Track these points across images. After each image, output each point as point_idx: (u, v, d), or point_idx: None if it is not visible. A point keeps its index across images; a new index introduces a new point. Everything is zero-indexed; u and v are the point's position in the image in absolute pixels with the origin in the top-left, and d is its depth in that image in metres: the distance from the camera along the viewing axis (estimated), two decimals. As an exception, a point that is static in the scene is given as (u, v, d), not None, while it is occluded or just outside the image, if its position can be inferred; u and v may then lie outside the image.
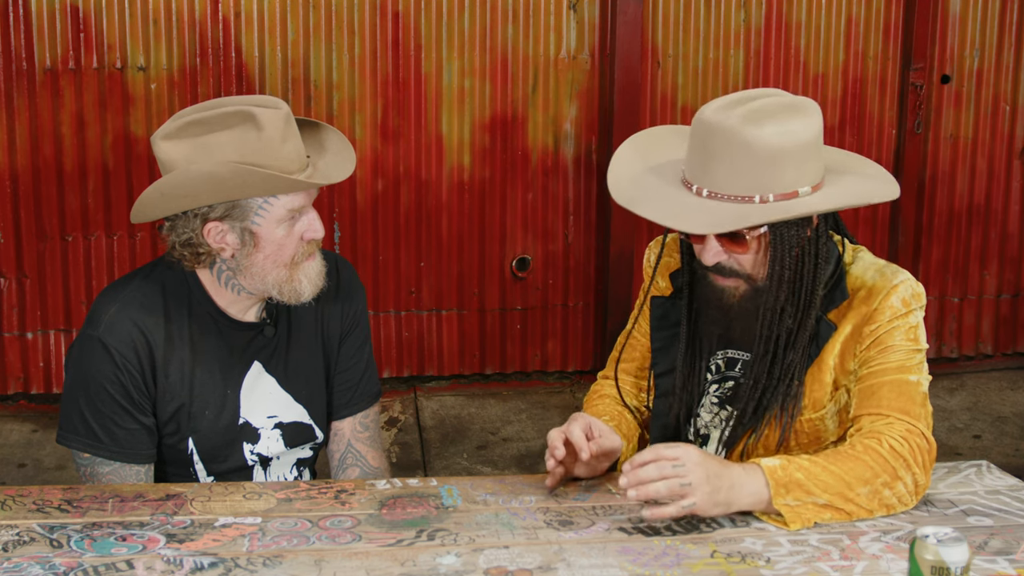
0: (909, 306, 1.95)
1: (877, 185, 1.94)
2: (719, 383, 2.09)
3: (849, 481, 1.82)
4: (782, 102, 1.86)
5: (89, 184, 4.60)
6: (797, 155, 1.83)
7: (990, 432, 4.68)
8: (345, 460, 2.27)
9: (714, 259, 1.91)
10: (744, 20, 4.91)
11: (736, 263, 1.92)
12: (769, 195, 1.83)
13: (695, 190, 1.88)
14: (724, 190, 1.84)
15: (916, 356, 1.95)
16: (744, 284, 1.94)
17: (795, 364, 1.97)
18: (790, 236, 1.89)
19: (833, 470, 1.82)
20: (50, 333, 4.72)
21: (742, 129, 1.81)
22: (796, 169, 1.83)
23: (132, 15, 4.50)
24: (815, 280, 1.94)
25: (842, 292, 1.98)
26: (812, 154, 1.86)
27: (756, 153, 1.81)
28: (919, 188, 5.17)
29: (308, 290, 2.05)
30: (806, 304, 1.95)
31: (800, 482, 1.80)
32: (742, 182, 1.83)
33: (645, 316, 2.20)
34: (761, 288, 1.93)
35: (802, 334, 1.96)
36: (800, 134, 1.83)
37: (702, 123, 1.86)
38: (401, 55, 4.71)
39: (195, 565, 1.66)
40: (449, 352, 5.01)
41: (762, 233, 1.89)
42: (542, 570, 1.66)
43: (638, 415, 2.21)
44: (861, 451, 1.85)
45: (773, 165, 1.82)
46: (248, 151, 1.91)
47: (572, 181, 4.94)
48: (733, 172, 1.83)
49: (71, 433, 2.06)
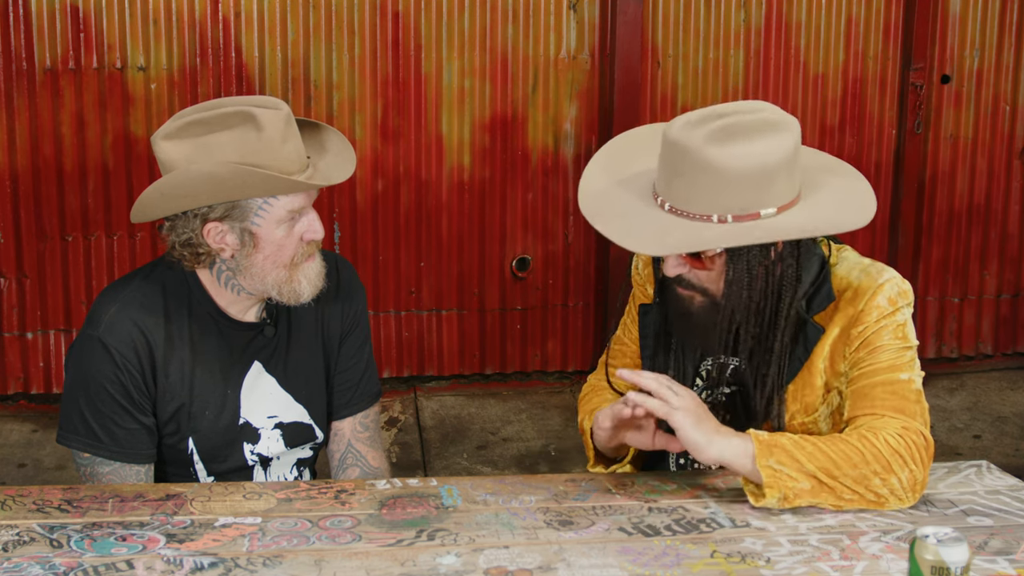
0: (896, 304, 1.94)
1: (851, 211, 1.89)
2: (711, 389, 2.08)
3: (836, 460, 1.81)
4: (754, 120, 1.82)
5: (89, 184, 4.60)
6: (760, 177, 1.79)
7: (990, 432, 4.68)
8: (345, 460, 2.27)
9: (674, 271, 1.91)
10: (744, 20, 4.91)
11: (695, 277, 1.92)
12: (728, 215, 1.81)
13: (659, 202, 1.87)
14: (684, 207, 1.83)
15: (906, 354, 1.94)
16: (701, 295, 1.93)
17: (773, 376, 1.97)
18: (750, 256, 1.87)
19: (822, 447, 1.82)
20: (50, 333, 4.72)
21: (703, 148, 1.78)
22: (759, 190, 1.80)
23: (132, 15, 4.50)
24: (779, 300, 1.92)
25: (828, 294, 1.97)
26: (780, 175, 1.81)
27: (715, 173, 1.78)
28: (919, 188, 5.17)
29: (308, 291, 2.05)
30: (771, 322, 1.93)
31: (785, 447, 1.80)
32: (701, 201, 1.81)
33: (635, 320, 2.20)
34: (718, 302, 1.92)
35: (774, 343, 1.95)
36: (766, 155, 1.79)
37: (667, 139, 1.84)
38: (401, 55, 4.71)
39: (195, 565, 1.66)
40: (449, 352, 5.01)
41: (719, 252, 1.88)
42: (542, 570, 1.66)
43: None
44: (855, 439, 1.85)
45: (732, 186, 1.79)
46: (248, 151, 1.91)
47: (572, 181, 4.94)
48: (693, 190, 1.81)
49: (71, 433, 2.06)
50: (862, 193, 1.94)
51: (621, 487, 1.97)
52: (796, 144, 1.84)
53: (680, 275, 1.92)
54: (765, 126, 1.81)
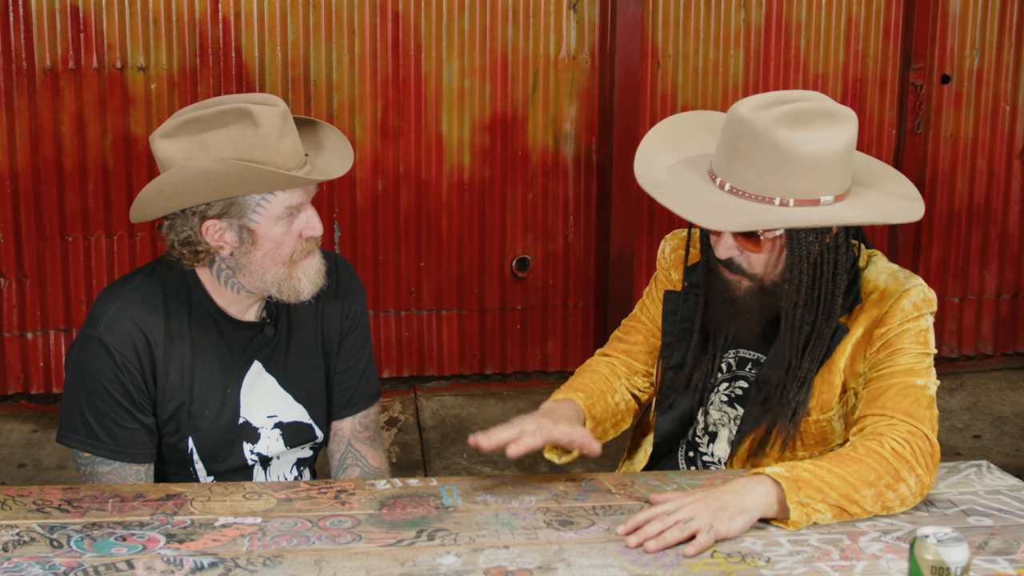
0: (920, 310, 1.95)
1: (902, 205, 1.92)
2: (729, 382, 2.09)
3: (854, 483, 1.80)
4: (819, 108, 1.85)
5: (89, 184, 4.60)
6: (824, 163, 1.82)
7: (990, 432, 4.68)
8: (345, 460, 2.27)
9: (726, 254, 1.92)
10: (744, 20, 4.91)
11: (747, 262, 1.92)
12: (790, 199, 1.83)
13: (718, 183, 1.88)
14: (746, 188, 1.84)
15: (925, 360, 1.94)
16: (748, 281, 1.94)
17: (809, 371, 1.97)
18: (807, 242, 1.89)
19: (837, 471, 1.81)
20: (50, 333, 4.72)
21: (772, 130, 1.81)
22: (821, 177, 1.82)
23: (132, 15, 4.50)
24: (834, 287, 1.93)
25: (856, 296, 1.98)
26: (840, 164, 1.84)
27: (782, 156, 1.80)
28: (919, 188, 5.16)
29: (307, 288, 2.05)
30: (825, 312, 1.94)
31: (808, 480, 1.78)
32: (765, 183, 1.83)
33: (655, 301, 2.19)
34: (766, 287, 1.93)
35: (819, 341, 1.96)
36: (830, 143, 1.82)
37: (735, 118, 1.86)
38: (401, 55, 4.71)
39: (195, 565, 1.66)
40: (449, 352, 5.01)
41: (778, 236, 1.89)
42: (542, 570, 1.66)
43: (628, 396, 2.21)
44: (863, 453, 1.84)
45: (798, 170, 1.81)
46: (245, 148, 1.92)
47: (572, 181, 4.94)
48: (757, 172, 1.83)
49: (71, 432, 2.06)
50: (908, 188, 1.97)
51: (621, 487, 1.97)
52: (855, 136, 1.87)
53: (731, 259, 1.92)
54: (830, 114, 1.85)
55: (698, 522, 1.71)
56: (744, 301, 1.95)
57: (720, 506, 1.73)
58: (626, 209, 4.82)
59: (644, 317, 2.23)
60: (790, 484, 1.77)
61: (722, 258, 1.93)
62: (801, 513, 1.77)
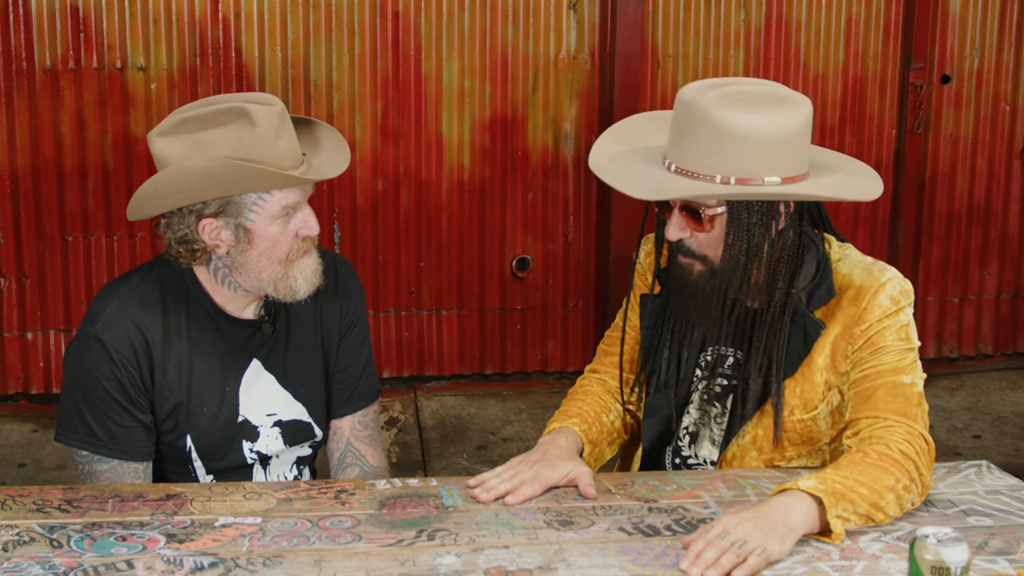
0: (898, 304, 1.95)
1: (857, 183, 1.93)
2: (707, 380, 2.08)
3: (879, 490, 1.80)
4: (765, 91, 1.88)
5: (89, 184, 4.60)
6: (767, 144, 1.82)
7: (990, 432, 4.68)
8: (344, 459, 2.27)
9: (676, 235, 1.93)
10: (744, 20, 4.91)
11: (695, 242, 1.94)
12: (731, 177, 1.84)
13: (666, 164, 1.91)
14: (690, 167, 1.86)
15: (909, 356, 1.94)
16: (699, 264, 1.95)
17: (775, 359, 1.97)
18: (750, 223, 1.89)
19: (863, 480, 1.79)
20: (50, 333, 4.72)
21: (713, 109, 1.83)
22: (763, 157, 1.83)
23: (132, 15, 4.50)
24: (777, 272, 1.94)
25: (828, 290, 1.98)
26: (787, 147, 1.84)
27: (722, 135, 1.82)
28: (919, 188, 5.17)
29: (304, 287, 2.05)
30: (771, 295, 1.95)
31: (843, 493, 1.77)
32: (708, 161, 1.84)
33: (634, 308, 2.20)
34: (716, 271, 1.94)
35: (777, 327, 1.96)
36: (774, 125, 1.83)
37: (681, 101, 1.89)
38: (401, 55, 4.71)
39: (195, 565, 1.66)
40: (449, 352, 5.01)
41: (719, 214, 1.90)
42: (542, 570, 1.66)
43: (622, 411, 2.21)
44: (877, 459, 1.83)
45: (738, 148, 1.82)
46: (242, 147, 1.92)
47: (572, 181, 4.94)
48: (700, 150, 1.85)
49: (69, 431, 2.06)
50: (869, 176, 1.98)
51: (621, 487, 1.97)
52: (806, 121, 1.87)
53: (681, 241, 1.94)
54: (776, 99, 1.87)
55: (752, 544, 1.67)
56: (696, 284, 1.96)
57: (770, 527, 1.70)
58: (626, 209, 4.81)
59: (628, 327, 2.23)
60: (829, 499, 1.75)
61: (672, 239, 1.95)
62: (841, 527, 1.75)
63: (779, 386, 1.98)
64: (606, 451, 2.17)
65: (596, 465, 2.13)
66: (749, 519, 1.71)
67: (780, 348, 1.97)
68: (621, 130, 2.09)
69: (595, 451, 2.11)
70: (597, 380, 2.24)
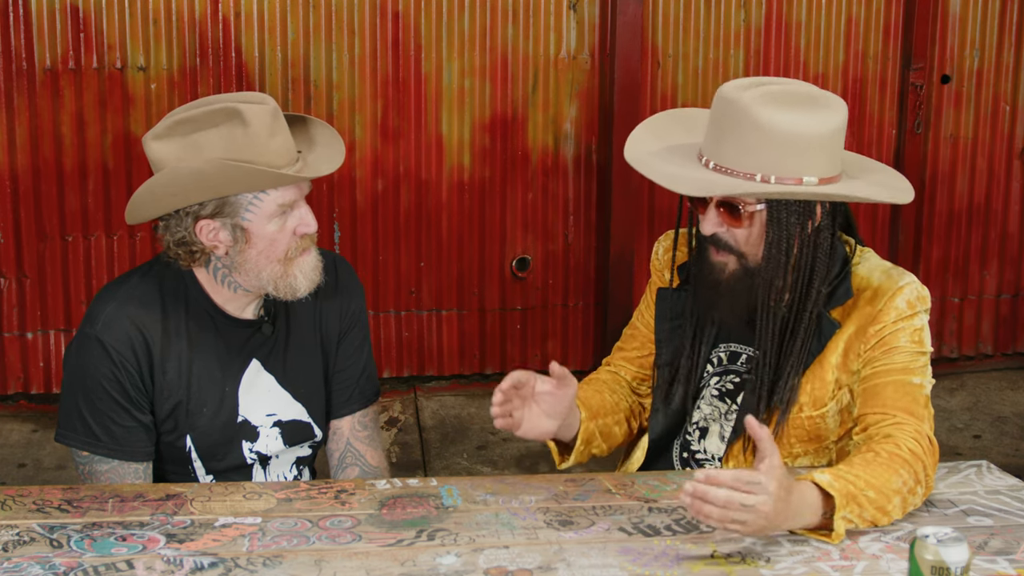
0: (914, 308, 1.96)
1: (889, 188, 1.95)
2: (720, 376, 2.09)
3: (887, 494, 1.80)
4: (803, 91, 1.89)
5: (89, 184, 4.60)
6: (806, 144, 1.85)
7: (990, 432, 4.68)
8: (344, 459, 2.27)
9: (711, 229, 1.94)
10: (744, 20, 4.91)
11: (732, 238, 1.94)
12: (771, 176, 1.85)
13: (703, 162, 1.92)
14: (730, 165, 1.88)
15: (920, 359, 1.95)
16: (735, 262, 1.95)
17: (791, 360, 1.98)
18: (788, 222, 1.91)
19: (873, 482, 1.79)
20: (50, 333, 4.72)
21: (754, 108, 1.84)
22: (803, 157, 1.85)
23: (132, 15, 4.50)
24: (811, 273, 1.95)
25: (846, 291, 1.99)
26: (824, 148, 1.87)
27: (764, 133, 1.84)
28: (919, 188, 5.17)
29: (304, 285, 2.05)
30: (802, 295, 1.95)
31: (854, 495, 1.77)
32: (748, 160, 1.86)
33: (649, 306, 2.22)
34: (752, 269, 1.94)
35: (799, 327, 1.97)
36: (813, 126, 1.85)
37: (720, 98, 1.90)
38: (401, 55, 4.71)
39: (195, 565, 1.66)
40: (449, 352, 5.01)
41: (758, 211, 1.91)
42: (542, 570, 1.66)
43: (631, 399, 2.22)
44: (887, 459, 1.83)
45: (779, 148, 1.84)
46: (235, 147, 1.92)
47: (572, 181, 4.94)
48: (740, 149, 1.86)
49: (69, 431, 2.06)
50: (899, 179, 2.01)
51: (621, 487, 1.97)
52: (843, 123, 1.90)
53: (716, 235, 1.94)
54: (815, 99, 1.88)
55: (743, 531, 1.67)
56: (728, 284, 1.97)
57: (776, 525, 1.69)
58: (626, 209, 4.81)
59: (640, 324, 2.25)
60: (841, 499, 1.74)
61: (707, 234, 1.95)
62: (843, 528, 1.76)
63: (793, 383, 1.99)
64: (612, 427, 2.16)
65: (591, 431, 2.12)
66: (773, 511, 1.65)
67: (799, 347, 1.98)
68: (653, 126, 2.10)
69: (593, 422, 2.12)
70: (608, 371, 2.28)
